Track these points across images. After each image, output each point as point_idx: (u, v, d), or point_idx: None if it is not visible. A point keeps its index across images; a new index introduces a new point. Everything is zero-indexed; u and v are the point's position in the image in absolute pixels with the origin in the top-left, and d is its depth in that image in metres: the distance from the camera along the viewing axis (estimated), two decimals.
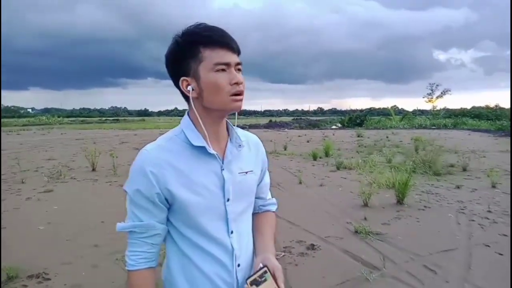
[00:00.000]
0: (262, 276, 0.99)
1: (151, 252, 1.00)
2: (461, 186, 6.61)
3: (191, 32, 0.95)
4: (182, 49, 0.95)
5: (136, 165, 0.97)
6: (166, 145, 0.99)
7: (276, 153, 12.01)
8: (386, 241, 3.93)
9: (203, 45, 0.93)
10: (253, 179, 1.12)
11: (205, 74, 0.93)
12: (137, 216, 0.97)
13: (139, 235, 0.98)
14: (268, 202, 1.25)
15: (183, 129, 1.01)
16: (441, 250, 3.66)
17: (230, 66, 0.94)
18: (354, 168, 8.71)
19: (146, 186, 0.94)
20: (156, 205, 0.96)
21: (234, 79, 0.94)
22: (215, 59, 0.93)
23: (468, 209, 5.13)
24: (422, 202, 5.55)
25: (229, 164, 1.03)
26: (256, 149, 1.16)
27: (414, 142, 14.52)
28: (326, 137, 19.31)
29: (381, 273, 3.18)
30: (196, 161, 0.98)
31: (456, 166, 8.69)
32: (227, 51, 0.94)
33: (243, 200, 1.08)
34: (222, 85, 0.93)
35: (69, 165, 9.64)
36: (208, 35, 0.93)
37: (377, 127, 31.82)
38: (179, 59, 0.96)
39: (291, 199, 5.90)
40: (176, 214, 1.00)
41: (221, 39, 0.94)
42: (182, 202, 0.96)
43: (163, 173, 0.94)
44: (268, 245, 1.12)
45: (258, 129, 30.33)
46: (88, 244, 3.93)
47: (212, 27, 0.96)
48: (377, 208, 5.26)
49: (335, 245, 3.86)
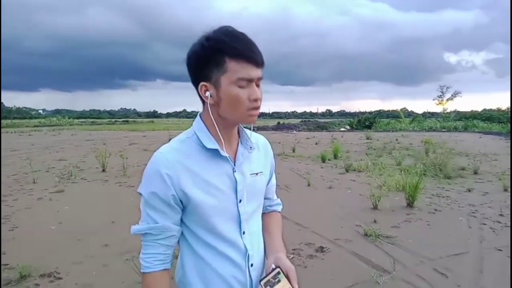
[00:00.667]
0: (276, 277, 1.00)
1: (166, 253, 1.00)
2: (472, 190, 6.53)
3: (219, 39, 0.92)
4: (207, 54, 0.92)
5: (151, 168, 0.97)
6: (179, 147, 1.00)
7: (285, 155, 12.00)
8: (396, 244, 3.90)
9: (229, 56, 0.90)
10: (263, 180, 1.13)
11: (226, 85, 0.92)
12: (152, 218, 0.97)
13: (155, 237, 0.98)
14: (274, 202, 1.28)
15: (196, 131, 1.02)
16: (452, 254, 3.62)
17: (252, 81, 0.94)
18: (363, 171, 8.66)
19: (162, 188, 0.95)
20: (171, 207, 0.97)
21: (253, 95, 0.94)
22: (239, 73, 0.91)
23: (480, 213, 5.06)
24: (433, 205, 5.49)
25: (240, 166, 1.04)
26: (265, 151, 1.18)
27: (424, 145, 14.40)
28: (335, 139, 19.23)
29: (391, 276, 3.15)
30: (209, 163, 1.00)
31: (467, 169, 8.59)
32: (252, 66, 0.92)
33: (254, 201, 1.09)
34: (242, 100, 0.93)
35: (79, 166, 9.75)
36: (236, 47, 0.91)
37: (387, 129, 31.61)
38: (202, 63, 0.94)
39: (300, 201, 5.88)
40: (189, 215, 1.01)
41: (248, 53, 0.92)
42: (196, 203, 0.97)
43: (178, 175, 0.95)
44: (279, 245, 1.13)
45: (266, 131, 30.34)
46: (98, 244, 3.97)
47: (241, 36, 0.93)
48: (387, 211, 5.22)
49: (344, 247, 3.84)
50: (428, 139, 16.75)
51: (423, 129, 30.80)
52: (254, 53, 0.93)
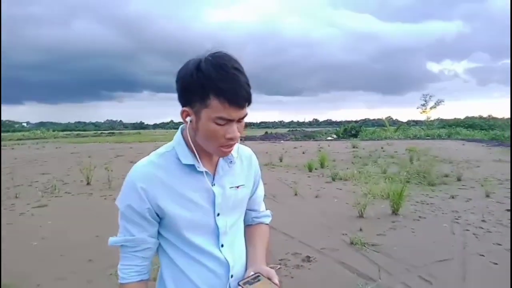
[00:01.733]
0: (256, 278, 1.01)
1: (142, 265, 1.02)
2: (456, 196, 6.64)
3: (208, 73, 0.88)
4: (193, 86, 0.90)
5: (128, 181, 0.99)
6: (157, 161, 1.00)
7: (272, 165, 12.02)
8: (382, 252, 3.94)
9: (214, 94, 0.88)
10: (245, 193, 1.14)
11: (205, 120, 0.91)
12: (129, 230, 0.99)
13: (131, 249, 1.00)
14: (261, 214, 1.27)
15: (175, 146, 1.02)
16: (436, 261, 3.67)
17: (232, 121, 0.93)
18: (349, 179, 8.74)
19: (137, 201, 0.96)
20: (147, 220, 0.98)
21: (229, 134, 0.93)
22: (220, 113, 0.89)
23: (463, 219, 5.15)
24: (417, 213, 5.57)
25: (220, 180, 1.05)
26: (249, 162, 1.18)
27: (408, 153, 14.61)
28: (322, 148, 19.36)
29: (376, 284, 3.17)
30: (186, 177, 1.00)
31: (451, 176, 8.74)
32: (236, 109, 0.91)
33: (234, 214, 1.10)
34: (217, 137, 0.93)
35: (63, 180, 9.58)
36: (221, 88, 0.88)
37: (372, 138, 31.99)
38: (188, 91, 0.93)
39: (287, 211, 5.89)
40: (167, 228, 1.02)
41: (233, 97, 0.89)
42: (172, 217, 0.98)
43: (154, 189, 0.96)
44: (260, 257, 1.13)
45: (254, 141, 30.36)
46: (82, 259, 3.90)
47: (231, 73, 0.89)
48: (372, 219, 5.27)
49: (331, 256, 3.86)
50: (413, 147, 17.03)
51: (408, 137, 31.28)
52: (239, 96, 0.90)
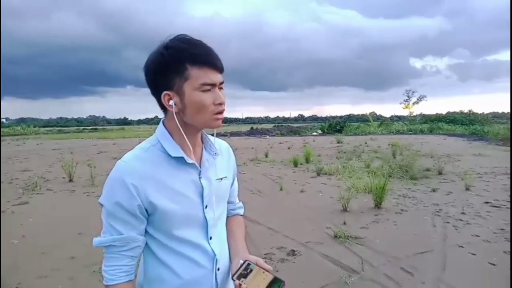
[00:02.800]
0: (247, 268, 1.02)
1: (130, 265, 0.99)
2: (437, 190, 6.79)
3: (178, 47, 0.92)
4: (168, 63, 0.92)
5: (115, 177, 0.95)
6: (143, 155, 0.99)
7: (258, 160, 12.05)
8: (365, 245, 4.00)
9: (190, 63, 0.91)
10: (227, 185, 1.16)
11: (190, 92, 0.93)
12: (116, 229, 0.95)
13: (119, 248, 0.97)
14: (237, 206, 1.31)
15: (160, 139, 1.01)
16: (417, 252, 3.76)
17: (215, 86, 0.95)
18: (334, 174, 8.83)
19: (127, 198, 0.93)
20: (136, 217, 0.96)
21: (218, 99, 0.95)
22: (202, 79, 0.92)
23: (443, 212, 5.27)
24: (399, 206, 5.67)
25: (206, 172, 1.05)
26: (228, 155, 1.20)
27: (391, 148, 14.84)
28: (307, 143, 19.48)
29: (359, 276, 3.23)
30: (174, 170, 0.99)
31: (432, 170, 8.93)
32: (213, 71, 0.94)
33: (220, 205, 1.11)
34: (207, 104, 0.94)
35: (45, 176, 9.39)
36: (196, 53, 0.92)
37: (356, 133, 32.36)
38: (163, 72, 0.93)
39: (272, 206, 5.93)
40: (155, 224, 1.00)
41: (209, 58, 0.94)
42: (164, 212, 0.96)
43: (143, 184, 0.94)
44: (242, 248, 1.16)
45: (240, 136, 30.36)
46: (64, 257, 3.84)
47: (199, 43, 0.94)
48: (356, 212, 5.35)
49: (315, 250, 3.90)
50: (395, 141, 17.29)
51: (391, 132, 31.77)
52: (214, 59, 0.95)
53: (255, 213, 5.37)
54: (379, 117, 73.08)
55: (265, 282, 0.97)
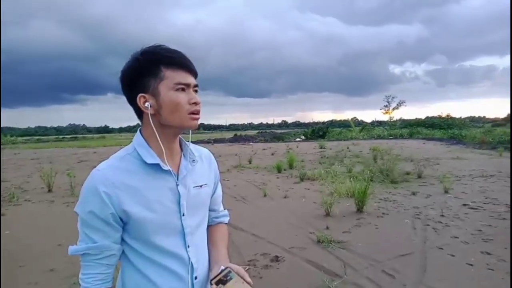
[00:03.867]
0: (227, 276, 1.01)
1: (106, 273, 0.99)
2: (417, 193, 6.94)
3: (153, 51, 0.98)
4: (143, 66, 0.96)
5: (89, 186, 0.96)
6: (118, 164, 0.99)
7: (241, 167, 12.05)
8: (347, 249, 4.05)
9: (165, 64, 0.96)
10: (207, 192, 1.15)
11: (165, 92, 0.96)
12: (91, 237, 0.96)
13: (94, 257, 0.97)
14: (221, 214, 1.29)
15: (136, 147, 1.01)
16: (398, 255, 3.82)
17: (189, 87, 0.99)
18: (317, 179, 8.91)
19: (100, 207, 0.94)
20: (110, 225, 0.96)
21: (193, 99, 0.99)
22: (176, 79, 0.96)
23: (423, 214, 5.39)
24: (381, 209, 5.77)
25: (183, 179, 1.05)
26: (209, 162, 1.20)
27: (372, 152, 15.09)
28: (290, 149, 19.60)
29: (342, 280, 3.26)
30: (150, 178, 0.99)
31: (412, 174, 9.11)
32: (187, 73, 0.99)
33: (198, 213, 1.11)
34: (182, 103, 0.97)
35: (23, 187, 9.14)
36: (170, 56, 0.97)
37: (339, 138, 32.80)
38: (138, 76, 0.97)
39: (256, 212, 5.93)
40: (131, 232, 1.00)
41: (183, 60, 0.99)
42: (138, 220, 0.96)
43: (117, 192, 0.94)
44: (223, 257, 1.15)
45: (223, 143, 30.28)
46: (44, 269, 3.74)
47: (173, 49, 1.00)
48: (338, 217, 5.40)
49: (299, 255, 3.92)
50: (376, 146, 17.60)
51: (372, 137, 32.32)
52: (189, 61, 1.00)
53: (239, 220, 5.37)
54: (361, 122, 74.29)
55: None
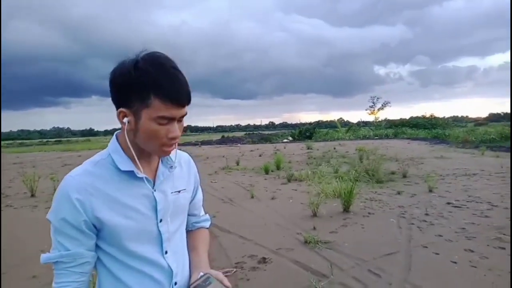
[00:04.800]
0: (206, 281, 1.00)
1: (80, 281, 0.96)
2: (402, 192, 7.03)
3: (147, 71, 0.87)
4: (132, 85, 0.88)
5: (61, 192, 0.92)
6: (92, 170, 0.96)
7: (229, 169, 12.02)
8: (334, 249, 4.08)
9: (155, 93, 0.87)
10: (186, 198, 1.13)
11: (146, 120, 0.90)
12: (63, 245, 0.93)
13: (67, 264, 0.94)
14: (202, 218, 1.27)
15: (111, 152, 0.98)
16: (384, 254, 3.86)
17: (173, 120, 0.92)
18: (304, 180, 8.94)
19: (72, 214, 0.91)
20: (83, 232, 0.93)
21: (171, 134, 0.92)
22: (161, 112, 0.89)
23: (408, 213, 5.46)
24: (367, 209, 5.82)
25: (161, 185, 1.03)
26: (188, 167, 1.17)
27: (358, 152, 15.23)
28: (278, 150, 19.66)
29: (329, 280, 3.28)
30: (125, 184, 0.97)
31: (397, 173, 9.24)
32: (177, 108, 0.91)
33: (176, 219, 1.08)
34: (159, 137, 0.92)
35: (4, 192, 8.93)
36: (162, 85, 0.87)
37: (326, 139, 33.04)
38: (125, 91, 0.90)
39: (243, 214, 5.92)
40: (106, 239, 0.97)
41: (175, 95, 0.89)
42: (112, 227, 0.94)
43: (90, 199, 0.92)
44: (204, 262, 1.13)
45: (211, 145, 30.19)
46: (25, 276, 3.66)
47: (170, 72, 0.89)
48: (325, 217, 5.43)
49: (286, 256, 3.93)
50: (362, 146, 17.78)
51: (358, 137, 32.68)
52: (181, 94, 0.90)
53: (226, 222, 5.35)
54: (347, 123, 74.95)
55: None
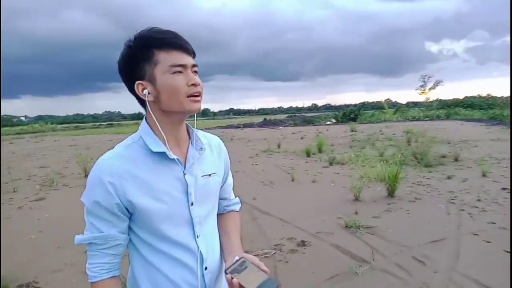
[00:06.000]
0: (242, 265, 0.99)
1: (113, 262, 0.97)
2: (452, 177, 6.65)
3: (144, 36, 0.94)
4: (135, 53, 0.94)
5: (93, 176, 0.94)
6: (124, 153, 0.97)
7: (270, 151, 12.03)
8: (376, 234, 3.96)
9: (157, 48, 0.92)
10: (217, 181, 1.12)
11: (161, 76, 0.92)
12: (97, 227, 0.94)
13: (99, 246, 0.95)
14: (232, 202, 1.26)
15: (142, 135, 0.99)
16: (430, 241, 3.69)
17: (186, 68, 0.94)
18: (346, 163, 8.74)
19: (105, 197, 0.92)
20: (116, 215, 0.94)
21: (191, 80, 0.94)
22: (170, 61, 0.92)
23: (459, 199, 5.16)
24: (413, 194, 5.58)
25: (191, 168, 1.02)
26: (219, 151, 1.16)
27: (406, 135, 14.59)
28: (320, 133, 19.35)
29: (370, 266, 3.20)
30: (157, 167, 0.97)
31: (448, 157, 8.74)
32: (182, 53, 0.94)
33: (207, 203, 1.08)
34: (180, 86, 0.93)
35: (61, 172, 9.59)
36: (161, 37, 0.93)
37: (371, 121, 31.96)
38: (132, 64, 0.94)
39: (284, 197, 5.91)
40: (138, 223, 0.98)
41: (175, 41, 0.94)
42: (144, 210, 0.94)
43: (122, 182, 0.92)
44: (237, 246, 1.12)
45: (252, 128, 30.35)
46: (80, 251, 3.89)
47: (166, 30, 0.96)
48: (368, 202, 5.28)
49: (326, 240, 3.88)
50: (410, 128, 16.99)
51: (407, 119, 31.24)
52: (181, 40, 0.95)
53: (266, 204, 5.38)
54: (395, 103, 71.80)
55: (259, 281, 0.93)
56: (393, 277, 2.99)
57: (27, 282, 3.22)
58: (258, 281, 0.93)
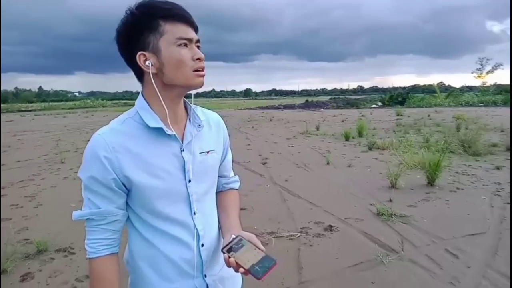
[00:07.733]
0: (239, 243, 0.97)
1: (111, 238, 0.96)
2: (501, 167, 6.18)
3: (149, 4, 0.90)
4: (140, 21, 0.90)
5: (89, 151, 0.92)
6: (120, 128, 0.95)
7: (308, 134, 11.85)
8: (409, 224, 3.78)
9: (163, 18, 0.89)
10: (215, 158, 1.09)
11: (166, 48, 0.89)
12: (94, 203, 0.93)
13: (98, 222, 0.94)
14: (231, 179, 1.23)
15: (138, 110, 0.96)
16: (467, 234, 3.47)
17: (191, 42, 0.92)
18: (387, 149, 8.40)
19: (101, 172, 0.90)
20: (113, 190, 0.93)
21: (196, 55, 0.92)
22: (177, 33, 0.90)
23: (505, 192, 4.79)
24: (456, 184, 5.26)
25: (189, 145, 0.99)
26: (217, 128, 1.13)
27: (456, 121, 13.74)
28: (363, 116, 18.72)
29: (398, 256, 3.07)
30: (153, 143, 0.95)
31: (500, 146, 8.13)
32: (188, 27, 0.92)
33: (206, 180, 1.05)
34: (186, 59, 0.91)
35: None
36: (168, 8, 0.90)
37: (420, 105, 30.43)
38: (135, 32, 0.90)
39: (316, 181, 5.81)
40: (135, 199, 0.97)
41: (182, 13, 0.91)
42: (141, 186, 0.93)
43: (118, 157, 0.91)
44: (235, 224, 1.10)
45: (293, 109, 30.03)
46: None
47: (170, 1, 0.92)
48: (405, 189, 5.05)
49: (354, 226, 3.77)
50: (461, 114, 15.97)
51: (460, 104, 29.34)
52: (186, 13, 0.93)
53: (297, 187, 5.32)
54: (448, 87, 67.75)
55: (255, 259, 0.92)
56: (421, 269, 2.85)
57: (64, 247, 3.44)
58: (254, 259, 0.92)
